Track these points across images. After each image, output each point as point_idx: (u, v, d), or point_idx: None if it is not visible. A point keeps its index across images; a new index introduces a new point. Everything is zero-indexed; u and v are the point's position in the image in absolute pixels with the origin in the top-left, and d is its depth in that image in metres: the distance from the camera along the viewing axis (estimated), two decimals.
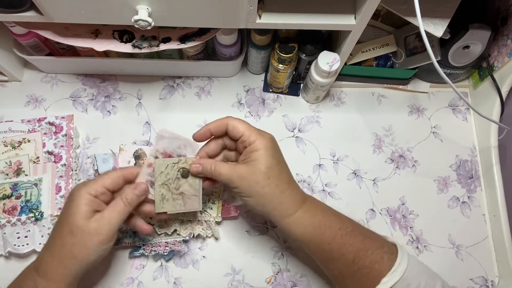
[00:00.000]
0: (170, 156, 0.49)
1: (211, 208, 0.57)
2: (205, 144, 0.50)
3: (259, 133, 0.46)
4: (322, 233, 0.46)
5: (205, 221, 0.57)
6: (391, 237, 0.49)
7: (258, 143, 0.45)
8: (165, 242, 0.56)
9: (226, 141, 0.50)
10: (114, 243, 0.47)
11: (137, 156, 0.59)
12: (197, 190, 0.50)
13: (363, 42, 0.63)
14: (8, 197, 0.57)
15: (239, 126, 0.46)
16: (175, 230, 0.56)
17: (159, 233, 0.55)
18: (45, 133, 0.61)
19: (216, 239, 0.59)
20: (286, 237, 0.49)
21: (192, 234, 0.57)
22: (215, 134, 0.49)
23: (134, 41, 0.55)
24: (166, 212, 0.49)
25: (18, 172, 0.58)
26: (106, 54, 0.63)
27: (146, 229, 0.49)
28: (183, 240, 0.56)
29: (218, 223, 0.58)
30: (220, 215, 0.57)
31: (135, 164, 0.59)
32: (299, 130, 0.67)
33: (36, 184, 0.58)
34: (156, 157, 0.48)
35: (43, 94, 0.66)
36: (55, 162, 0.59)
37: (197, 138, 0.48)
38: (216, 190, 0.58)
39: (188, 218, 0.56)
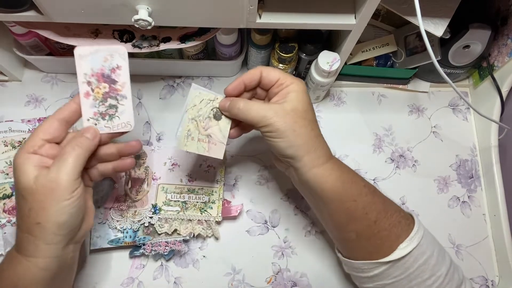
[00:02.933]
0: (103, 75, 0.43)
1: (211, 208, 0.57)
2: (230, 84, 0.46)
3: (294, 77, 0.45)
4: (349, 188, 0.44)
5: (205, 220, 0.57)
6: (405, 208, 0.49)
7: (295, 85, 0.44)
8: (165, 242, 0.56)
9: (247, 83, 0.47)
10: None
11: (137, 156, 0.59)
12: (225, 137, 0.47)
13: (363, 41, 0.63)
14: (9, 196, 0.57)
15: (273, 72, 0.45)
16: (175, 230, 0.56)
17: (159, 232, 0.55)
18: None
19: (217, 238, 0.59)
20: (309, 190, 0.45)
21: (192, 234, 0.57)
22: (249, 86, 0.46)
23: (134, 41, 0.55)
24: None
25: None
26: None
27: (129, 162, 0.45)
28: (183, 239, 0.56)
29: (218, 222, 0.58)
30: (220, 214, 0.57)
31: (135, 164, 0.59)
32: None
33: None
34: (89, 82, 0.42)
35: (43, 94, 0.66)
36: None
37: (229, 92, 0.46)
38: (216, 190, 0.58)
39: (188, 217, 0.56)
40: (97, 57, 0.42)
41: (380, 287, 0.45)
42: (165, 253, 0.56)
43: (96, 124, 0.43)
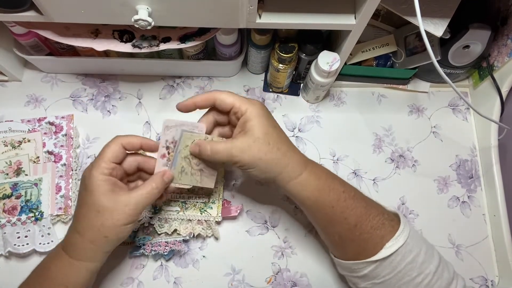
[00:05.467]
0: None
1: (211, 208, 0.57)
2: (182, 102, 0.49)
3: (248, 102, 0.46)
4: (327, 195, 0.46)
5: (205, 220, 0.57)
6: (391, 207, 0.50)
7: (250, 112, 0.45)
8: (165, 242, 0.56)
9: (216, 116, 0.49)
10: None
11: None
12: (215, 171, 0.51)
13: (363, 41, 0.63)
14: (8, 197, 0.57)
15: (227, 98, 0.46)
16: (175, 230, 0.56)
17: (159, 232, 0.55)
18: (45, 133, 0.61)
19: (216, 238, 0.59)
20: (291, 199, 0.49)
21: (192, 234, 0.57)
22: (201, 108, 0.48)
23: (134, 41, 0.55)
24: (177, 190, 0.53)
25: (18, 172, 0.58)
26: (106, 54, 0.63)
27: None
28: (183, 239, 0.56)
29: (218, 223, 0.58)
30: (220, 214, 0.57)
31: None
32: (299, 130, 0.67)
33: (36, 184, 0.58)
34: (167, 147, 0.49)
35: (43, 94, 0.66)
36: (55, 161, 0.59)
37: (180, 108, 0.48)
38: (216, 190, 0.58)
39: (188, 217, 0.56)
40: (180, 130, 0.49)
41: (371, 286, 0.46)
42: (165, 253, 0.56)
43: None
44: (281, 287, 0.58)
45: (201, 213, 0.57)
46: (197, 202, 0.57)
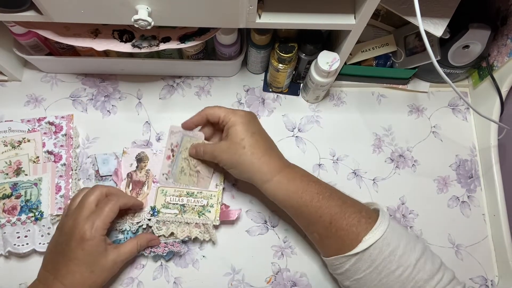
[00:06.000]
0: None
1: (209, 212, 0.57)
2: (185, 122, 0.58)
3: (233, 112, 0.52)
4: (299, 197, 0.49)
5: (203, 224, 0.57)
6: (377, 204, 0.51)
7: (232, 121, 0.51)
8: (164, 243, 0.56)
9: (213, 127, 0.58)
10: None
11: (139, 159, 0.59)
12: (210, 173, 0.58)
13: (363, 41, 0.63)
14: (8, 196, 0.57)
15: (215, 112, 0.53)
16: (172, 233, 0.56)
17: (157, 234, 0.55)
18: (45, 133, 0.61)
19: (214, 243, 0.59)
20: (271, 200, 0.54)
21: (189, 237, 0.56)
22: (198, 125, 0.57)
23: (134, 41, 0.55)
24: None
25: (18, 171, 0.58)
26: (106, 53, 0.63)
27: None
28: (181, 240, 0.56)
29: (216, 226, 0.58)
30: (218, 218, 0.57)
31: (136, 167, 0.59)
32: (299, 130, 0.67)
33: (36, 184, 0.58)
34: (172, 150, 0.58)
35: (43, 94, 0.66)
36: (55, 161, 0.59)
37: (185, 128, 0.57)
38: (215, 194, 0.58)
39: (186, 220, 0.56)
40: (182, 135, 0.58)
41: (355, 284, 0.47)
42: (164, 254, 0.56)
43: (166, 179, 0.58)
44: (281, 287, 0.58)
45: (199, 216, 0.57)
46: (195, 205, 0.57)
